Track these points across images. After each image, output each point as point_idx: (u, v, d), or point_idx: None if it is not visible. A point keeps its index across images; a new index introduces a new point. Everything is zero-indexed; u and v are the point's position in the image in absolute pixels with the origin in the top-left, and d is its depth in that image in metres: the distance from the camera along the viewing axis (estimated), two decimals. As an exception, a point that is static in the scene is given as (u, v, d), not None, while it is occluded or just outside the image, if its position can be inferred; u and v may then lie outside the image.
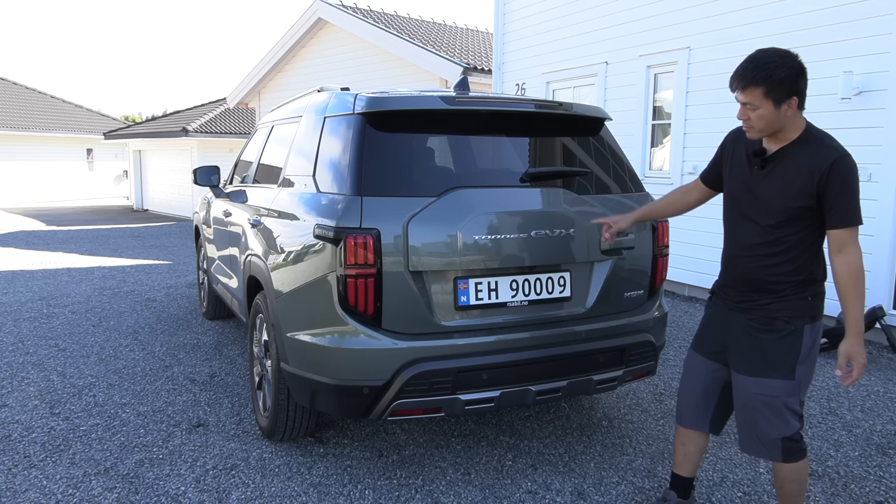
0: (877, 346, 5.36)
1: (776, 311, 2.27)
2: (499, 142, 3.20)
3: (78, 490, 2.95)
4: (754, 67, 2.15)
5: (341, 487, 2.98)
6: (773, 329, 2.28)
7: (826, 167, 2.12)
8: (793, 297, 2.26)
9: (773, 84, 2.13)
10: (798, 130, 2.23)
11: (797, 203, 2.18)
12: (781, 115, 2.16)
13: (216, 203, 5.15)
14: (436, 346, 2.76)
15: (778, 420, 2.28)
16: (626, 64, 7.71)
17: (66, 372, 4.58)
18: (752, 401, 2.32)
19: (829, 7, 5.66)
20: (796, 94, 2.15)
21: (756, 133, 2.24)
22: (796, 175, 2.18)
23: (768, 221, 2.24)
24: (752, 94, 2.16)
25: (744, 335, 2.34)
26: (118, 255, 10.75)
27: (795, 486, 2.38)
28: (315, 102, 3.49)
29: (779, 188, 2.22)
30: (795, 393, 2.28)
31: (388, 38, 11.33)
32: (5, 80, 26.71)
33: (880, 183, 5.31)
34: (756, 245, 2.28)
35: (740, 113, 2.24)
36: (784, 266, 2.24)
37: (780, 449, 2.31)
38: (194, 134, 17.02)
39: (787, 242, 2.23)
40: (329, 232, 2.73)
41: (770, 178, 2.25)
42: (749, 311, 2.34)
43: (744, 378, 2.34)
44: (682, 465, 2.67)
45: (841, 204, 2.14)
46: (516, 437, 3.51)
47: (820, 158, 2.14)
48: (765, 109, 2.16)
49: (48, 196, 24.40)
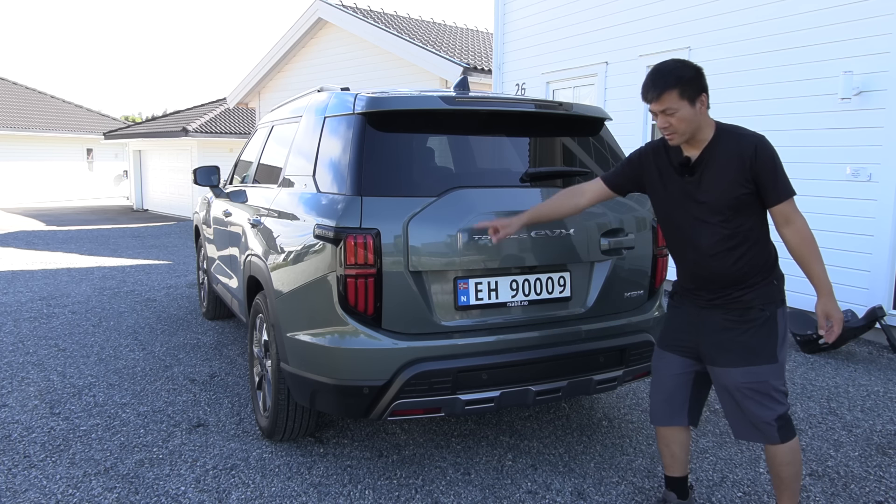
0: (877, 346, 5.36)
1: (751, 301, 2.36)
2: (499, 142, 3.20)
3: (78, 490, 2.95)
4: (662, 75, 2.31)
5: (341, 487, 2.99)
6: (750, 318, 2.36)
7: (751, 153, 2.26)
8: (762, 284, 2.36)
9: (684, 84, 2.27)
10: (711, 129, 2.36)
11: (737, 193, 2.29)
12: (697, 114, 2.30)
13: (216, 203, 5.15)
14: (436, 346, 2.76)
15: (770, 402, 2.36)
16: (626, 64, 7.71)
17: (66, 372, 4.58)
18: (741, 390, 2.38)
19: (829, 7, 5.66)
20: (705, 90, 2.31)
21: (679, 138, 2.35)
22: (727, 168, 2.30)
23: (719, 219, 2.34)
24: (669, 98, 2.29)
25: (721, 331, 2.41)
26: (118, 255, 10.75)
27: (791, 469, 2.42)
28: (315, 102, 3.49)
29: (716, 186, 2.32)
30: (781, 374, 2.38)
31: (388, 38, 11.33)
32: (5, 80, 26.71)
33: (880, 183, 5.31)
34: (715, 244, 2.36)
35: (660, 122, 2.35)
36: (747, 256, 2.34)
37: (775, 429, 2.37)
38: (194, 134, 17.02)
39: (742, 232, 2.33)
40: (329, 232, 2.73)
41: (704, 180, 2.35)
42: (723, 306, 2.41)
43: (728, 371, 2.39)
44: (672, 466, 2.69)
45: (775, 181, 2.27)
46: (516, 437, 3.51)
47: (743, 147, 2.28)
48: (683, 111, 2.29)
49: (48, 196, 24.41)
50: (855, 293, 5.48)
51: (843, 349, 5.22)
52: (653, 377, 2.66)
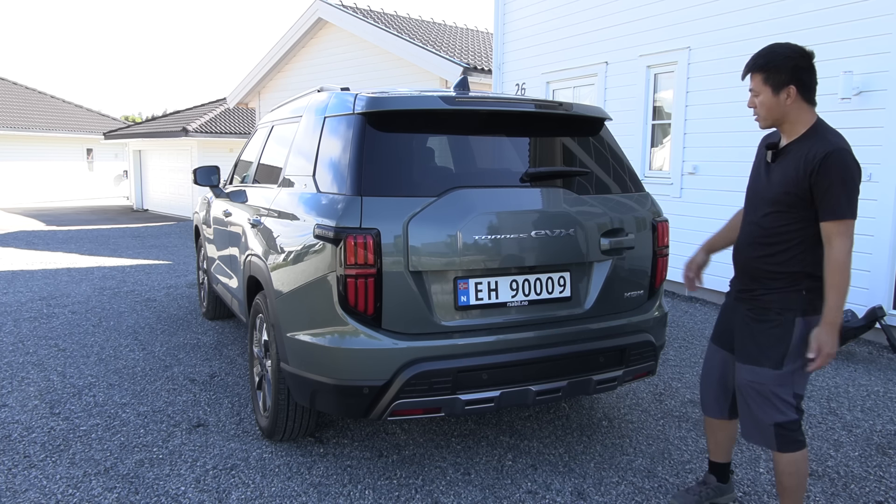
0: (877, 346, 5.36)
1: (769, 303, 2.36)
2: (499, 142, 3.20)
3: (78, 490, 2.95)
4: (759, 56, 2.32)
5: (341, 487, 2.99)
6: (766, 320, 2.36)
7: (818, 160, 2.19)
8: (785, 289, 2.33)
9: (771, 71, 2.26)
10: (806, 125, 2.30)
11: (788, 193, 2.26)
12: (781, 104, 2.27)
13: (216, 203, 5.15)
14: (436, 346, 2.75)
15: (768, 407, 2.36)
16: (626, 64, 7.71)
17: (66, 372, 4.58)
18: (745, 387, 2.42)
19: (829, 7, 5.66)
20: (795, 83, 2.25)
21: (761, 122, 2.37)
22: (793, 167, 2.26)
23: (764, 211, 2.34)
24: (754, 80, 2.33)
25: (742, 324, 2.45)
26: (118, 255, 10.75)
27: (793, 480, 2.42)
28: (315, 102, 3.49)
29: (777, 180, 2.31)
30: (786, 384, 2.33)
31: (389, 38, 11.33)
32: (5, 80, 26.71)
33: (880, 183, 5.31)
34: (754, 235, 2.38)
35: (749, 101, 2.38)
36: (777, 256, 2.32)
37: (773, 435, 2.38)
38: (194, 134, 17.02)
39: (780, 233, 2.31)
40: (329, 232, 2.73)
41: (774, 171, 2.35)
42: (747, 301, 2.44)
43: (739, 365, 2.45)
44: (716, 452, 2.79)
45: (829, 197, 2.19)
46: (516, 437, 3.51)
47: (815, 151, 2.21)
48: (764, 96, 2.30)
49: (48, 196, 24.41)
50: (855, 293, 5.48)
51: (843, 349, 5.22)
52: (703, 370, 2.75)
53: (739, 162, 6.34)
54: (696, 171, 6.96)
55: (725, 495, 2.82)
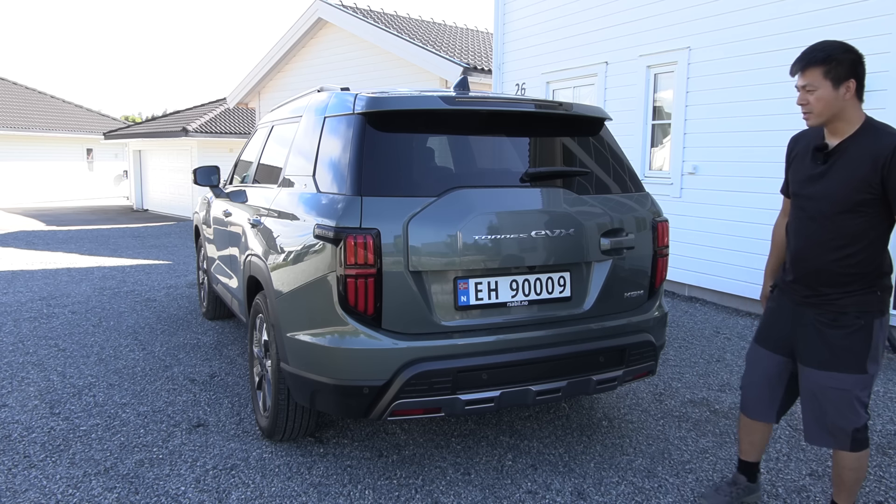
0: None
1: (845, 306, 2.28)
2: (499, 142, 3.20)
3: (78, 490, 2.95)
4: (815, 50, 2.21)
5: (341, 487, 2.99)
6: (843, 324, 2.29)
7: (889, 153, 2.12)
8: (862, 291, 2.27)
9: (832, 64, 2.17)
10: (858, 122, 2.25)
11: (861, 193, 2.19)
12: (840, 99, 2.19)
13: (216, 203, 5.15)
14: (436, 346, 2.75)
15: (850, 412, 2.32)
16: (626, 64, 7.71)
17: (66, 372, 4.58)
18: (825, 393, 2.34)
19: (828, 7, 5.66)
20: (854, 77, 2.19)
21: (814, 118, 2.26)
22: (859, 165, 2.18)
23: (834, 214, 2.25)
24: (812, 74, 2.20)
25: (812, 330, 2.37)
26: (118, 255, 10.75)
27: (854, 475, 2.42)
28: (315, 102, 3.49)
29: (842, 180, 2.22)
30: (867, 386, 2.32)
31: (389, 38, 11.33)
32: (5, 80, 26.71)
33: (880, 183, 5.30)
34: (823, 239, 2.29)
35: (800, 98, 2.27)
36: (851, 258, 2.25)
37: (849, 439, 2.35)
38: (194, 134, 17.03)
39: (853, 235, 2.24)
40: (329, 232, 2.73)
41: (832, 172, 2.26)
42: (817, 306, 2.35)
43: (814, 371, 2.36)
44: (748, 452, 2.76)
45: None
46: (516, 437, 3.51)
47: (883, 145, 2.15)
48: (823, 90, 2.20)
49: (48, 196, 24.41)
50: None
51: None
52: (746, 371, 2.69)
53: (739, 162, 6.34)
54: (696, 171, 6.96)
55: (753, 494, 2.82)
